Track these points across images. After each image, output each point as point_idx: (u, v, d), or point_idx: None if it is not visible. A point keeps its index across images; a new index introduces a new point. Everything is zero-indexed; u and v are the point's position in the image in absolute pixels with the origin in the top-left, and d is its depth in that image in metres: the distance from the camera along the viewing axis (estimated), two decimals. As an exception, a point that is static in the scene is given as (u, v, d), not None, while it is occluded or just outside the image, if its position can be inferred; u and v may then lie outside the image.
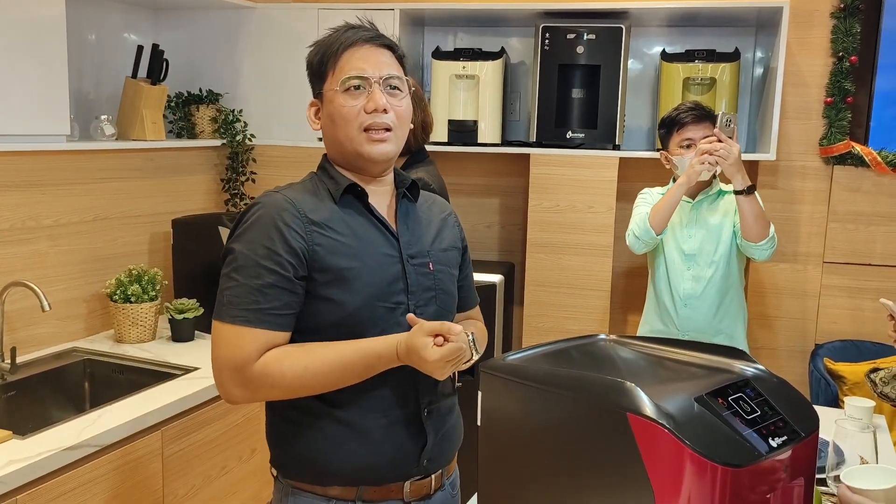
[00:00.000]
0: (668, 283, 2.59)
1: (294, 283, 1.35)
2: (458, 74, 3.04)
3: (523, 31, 3.25)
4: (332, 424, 1.40)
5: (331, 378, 1.35)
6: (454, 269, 1.56)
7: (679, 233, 2.58)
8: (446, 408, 1.50)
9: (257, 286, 1.34)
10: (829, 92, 2.92)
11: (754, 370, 1.13)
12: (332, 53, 1.43)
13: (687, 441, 0.94)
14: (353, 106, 1.41)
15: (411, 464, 1.44)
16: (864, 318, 2.98)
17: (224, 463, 2.31)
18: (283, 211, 1.38)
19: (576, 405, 1.05)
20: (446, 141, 3.07)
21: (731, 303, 2.57)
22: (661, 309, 2.63)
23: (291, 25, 3.12)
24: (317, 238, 1.37)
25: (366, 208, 1.46)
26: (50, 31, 2.30)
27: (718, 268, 2.53)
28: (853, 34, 2.86)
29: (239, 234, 1.39)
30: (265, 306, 1.33)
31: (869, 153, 2.90)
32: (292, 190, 1.44)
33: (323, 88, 1.45)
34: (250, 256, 1.35)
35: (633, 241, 2.60)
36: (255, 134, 3.18)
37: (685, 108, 2.54)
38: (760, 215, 2.40)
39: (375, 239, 1.43)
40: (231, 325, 1.34)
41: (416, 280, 1.45)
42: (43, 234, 2.46)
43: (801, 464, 1.05)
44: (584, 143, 2.95)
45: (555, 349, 1.27)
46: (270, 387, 1.34)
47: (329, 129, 1.45)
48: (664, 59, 2.98)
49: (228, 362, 1.34)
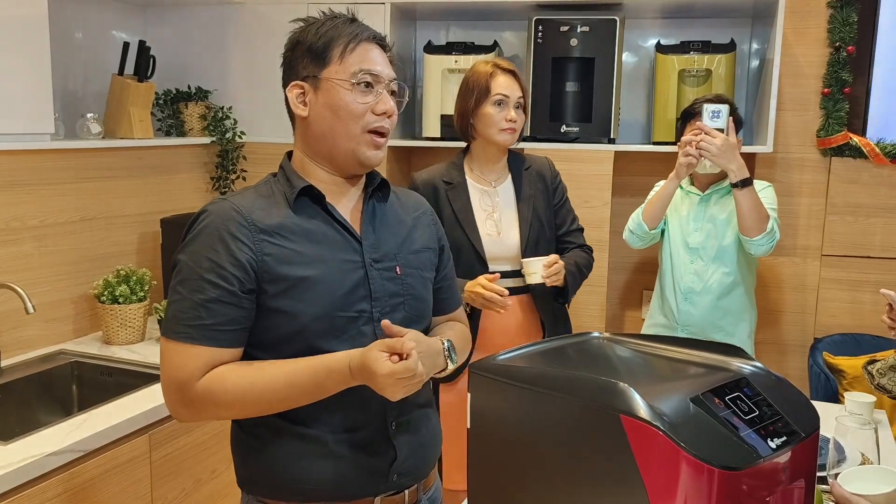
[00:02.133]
0: (671, 276, 2.55)
1: (240, 298, 1.28)
2: (450, 69, 3.00)
3: (516, 25, 3.21)
4: (296, 440, 1.34)
5: (277, 397, 1.27)
6: (427, 272, 1.48)
7: (685, 226, 2.54)
8: (419, 420, 1.43)
9: (200, 301, 1.26)
10: (827, 83, 2.88)
11: (752, 368, 1.10)
12: (342, 41, 1.35)
13: (682, 443, 0.91)
14: (362, 103, 1.34)
15: (380, 480, 1.38)
16: (863, 311, 2.95)
17: (214, 466, 2.28)
18: (229, 220, 1.30)
19: (567, 407, 1.01)
20: (439, 136, 3.03)
21: (735, 301, 2.50)
22: (663, 302, 2.60)
23: (281, 21, 3.07)
24: (266, 248, 1.30)
25: (325, 211, 1.38)
26: (33, 29, 2.25)
27: (722, 264, 2.48)
28: (850, 24, 2.82)
29: (184, 245, 1.33)
30: (208, 322, 1.26)
31: (867, 144, 2.86)
32: (243, 196, 1.36)
33: (322, 73, 1.35)
34: (194, 269, 1.28)
35: (627, 236, 2.58)
36: (245, 131, 3.14)
37: (702, 100, 2.48)
38: (754, 209, 2.35)
39: (334, 244, 1.35)
40: (174, 341, 1.27)
41: (381, 285, 1.37)
42: (28, 234, 2.41)
43: (801, 465, 1.01)
44: (578, 137, 2.92)
45: (547, 348, 1.23)
46: (214, 405, 1.27)
47: (324, 119, 1.36)
48: (659, 50, 2.94)
49: (172, 381, 1.27)
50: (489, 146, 2.25)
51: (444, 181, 2.25)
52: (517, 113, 2.21)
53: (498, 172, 2.31)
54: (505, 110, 2.19)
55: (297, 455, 1.34)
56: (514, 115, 2.19)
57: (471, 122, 2.23)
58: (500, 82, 2.20)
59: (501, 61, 2.25)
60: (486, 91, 2.19)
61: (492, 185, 2.29)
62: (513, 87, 2.21)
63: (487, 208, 2.27)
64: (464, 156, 2.31)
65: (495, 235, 2.24)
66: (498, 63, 2.24)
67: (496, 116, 2.18)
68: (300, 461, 1.34)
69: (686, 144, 2.38)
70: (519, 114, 2.22)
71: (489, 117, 2.19)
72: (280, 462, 1.35)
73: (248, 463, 1.39)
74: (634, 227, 2.53)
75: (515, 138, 2.24)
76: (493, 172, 2.30)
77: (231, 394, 1.26)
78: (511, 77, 2.22)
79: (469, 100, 2.22)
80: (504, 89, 2.20)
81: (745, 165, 2.35)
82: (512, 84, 2.21)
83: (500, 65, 2.23)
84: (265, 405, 1.28)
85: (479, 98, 2.20)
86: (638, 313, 3.24)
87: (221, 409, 1.28)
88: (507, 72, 2.22)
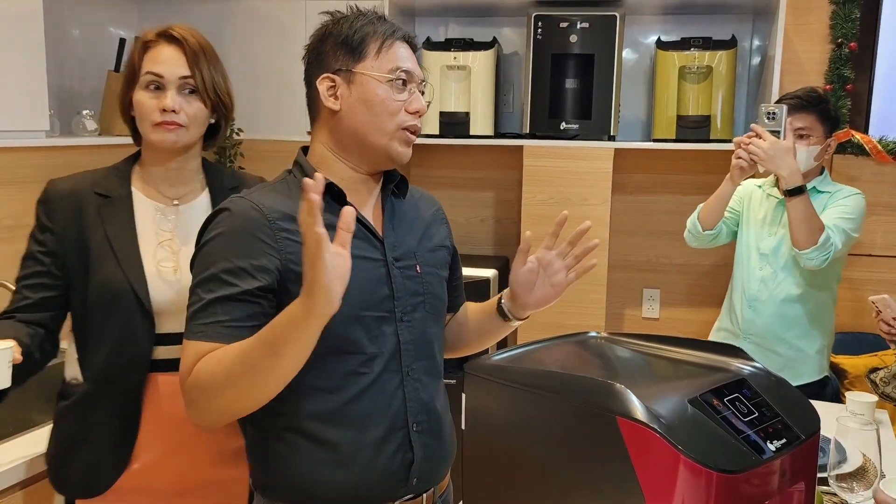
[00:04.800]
0: (741, 280, 2.46)
1: (256, 296, 1.24)
2: (449, 65, 2.98)
3: (515, 21, 3.18)
4: (314, 445, 1.31)
5: (242, 354, 1.17)
6: (443, 270, 1.47)
7: (760, 230, 2.43)
8: (438, 421, 1.41)
9: (214, 299, 1.23)
10: (829, 79, 2.86)
11: (751, 368, 1.08)
12: (380, 36, 1.33)
13: (679, 446, 0.89)
14: (399, 100, 1.33)
15: (399, 484, 1.35)
16: (865, 309, 2.91)
17: (210, 465, 2.26)
18: (249, 220, 1.27)
19: (563, 408, 1.00)
20: (437, 133, 3.01)
21: (803, 313, 2.38)
22: (730, 306, 2.51)
23: (279, 18, 3.06)
24: (289, 246, 1.26)
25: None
26: (27, 25, 2.24)
27: (792, 273, 2.35)
28: (852, 20, 2.80)
29: (202, 246, 1.29)
30: (223, 318, 1.22)
31: (869, 141, 2.84)
32: (261, 193, 1.33)
33: (356, 67, 1.32)
34: (210, 270, 1.25)
35: (686, 234, 2.52)
36: (242, 128, 3.12)
37: (790, 96, 2.32)
38: (805, 220, 2.19)
39: (356, 242, 1.28)
40: (189, 340, 1.24)
41: (403, 284, 1.35)
42: (23, 233, 2.37)
43: (801, 467, 1.00)
44: (578, 135, 2.90)
45: (543, 347, 1.22)
46: (205, 393, 1.20)
47: (357, 114, 1.32)
48: (659, 47, 2.92)
49: (180, 380, 1.24)
50: (152, 148, 1.60)
51: (96, 192, 1.58)
52: (186, 100, 1.55)
53: (186, 185, 1.64)
54: (160, 97, 1.54)
55: (316, 460, 1.31)
56: (170, 103, 1.52)
57: (130, 113, 1.60)
58: (151, 56, 1.56)
59: (175, 27, 1.59)
60: (135, 70, 1.57)
61: (172, 202, 1.62)
62: (173, 62, 1.55)
63: (163, 234, 1.60)
64: (133, 161, 1.65)
65: (170, 273, 1.57)
66: (162, 30, 1.59)
67: (147, 105, 1.54)
68: (320, 466, 1.31)
69: (738, 146, 2.26)
70: (191, 101, 1.55)
71: (140, 105, 1.55)
72: (299, 467, 1.32)
73: (264, 467, 1.36)
74: (691, 227, 2.47)
75: (184, 138, 1.56)
76: (177, 186, 1.63)
77: (208, 370, 1.19)
78: (175, 47, 1.57)
79: (122, 84, 1.61)
80: (156, 65, 1.54)
81: (798, 171, 2.21)
82: (173, 57, 1.55)
83: (164, 31, 1.59)
84: (237, 373, 1.18)
85: (129, 78, 1.58)
86: (638, 312, 3.22)
87: (215, 399, 1.20)
88: (170, 40, 1.57)
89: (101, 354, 1.55)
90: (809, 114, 2.32)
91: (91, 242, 1.54)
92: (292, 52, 3.09)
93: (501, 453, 1.09)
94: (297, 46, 3.05)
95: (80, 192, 1.58)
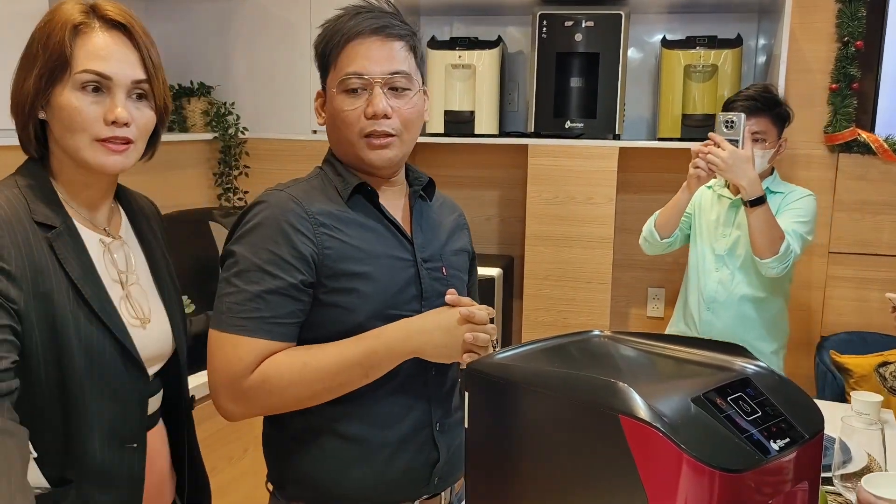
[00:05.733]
0: (696, 282, 2.45)
1: (300, 291, 1.25)
2: (454, 64, 2.98)
3: (520, 20, 3.18)
4: (338, 441, 1.31)
5: (330, 372, 1.24)
6: (464, 274, 1.49)
7: (714, 231, 2.42)
8: (456, 421, 1.42)
9: (258, 292, 1.23)
10: (835, 78, 2.85)
11: (755, 368, 1.07)
12: (334, 45, 1.31)
13: (682, 445, 0.89)
14: (352, 109, 1.30)
15: (422, 483, 1.36)
16: (871, 309, 2.91)
17: (214, 464, 2.26)
18: (290, 212, 1.27)
19: (565, 406, 0.99)
20: (442, 132, 3.01)
21: (761, 315, 2.38)
22: (685, 309, 2.51)
23: (284, 15, 3.07)
24: (326, 241, 1.28)
25: (376, 209, 1.36)
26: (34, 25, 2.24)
27: (749, 274, 2.35)
28: (859, 18, 2.79)
29: (240, 236, 1.28)
30: (266, 314, 1.23)
31: (875, 140, 2.83)
32: (298, 187, 1.33)
33: (327, 82, 1.35)
34: (252, 260, 1.24)
35: (641, 242, 2.51)
36: (248, 127, 3.13)
37: (744, 96, 2.30)
38: (766, 230, 2.18)
39: (387, 242, 1.34)
40: (229, 334, 1.23)
41: (430, 285, 1.36)
42: None
43: (805, 467, 0.99)
44: (583, 133, 2.89)
45: (546, 346, 1.21)
46: (268, 394, 1.23)
47: (331, 128, 1.36)
48: (664, 46, 2.91)
49: (224, 375, 1.23)
50: (83, 169, 1.22)
51: (36, 221, 1.17)
52: (136, 106, 1.21)
53: (107, 212, 1.31)
54: (103, 102, 1.18)
55: (341, 457, 1.31)
56: (122, 114, 1.17)
57: (39, 114, 1.20)
58: (90, 47, 1.17)
59: (105, 4, 1.21)
60: (62, 60, 1.16)
61: (109, 235, 1.30)
62: (122, 60, 1.19)
63: (121, 275, 1.29)
64: (38, 178, 1.23)
65: (138, 324, 1.28)
66: (91, 5, 1.20)
67: (86, 113, 1.17)
68: (344, 463, 1.31)
69: (696, 156, 2.23)
70: (142, 109, 1.22)
71: (74, 112, 1.16)
72: (322, 466, 1.32)
73: (286, 465, 1.36)
74: (647, 235, 2.46)
75: (132, 159, 1.23)
76: (101, 212, 1.29)
77: (286, 378, 1.23)
78: (120, 36, 1.20)
79: (29, 74, 1.18)
80: (99, 62, 1.16)
81: (757, 181, 2.19)
82: (121, 52, 1.19)
83: (98, 11, 1.20)
84: (321, 387, 1.25)
85: (49, 68, 1.17)
86: (643, 311, 3.22)
87: (275, 398, 1.24)
88: (111, 25, 1.20)
89: (91, 442, 1.19)
90: (765, 117, 2.31)
91: (52, 290, 1.14)
92: (297, 50, 3.10)
93: (503, 452, 1.09)
94: (302, 45, 3.09)
95: (20, 219, 1.15)
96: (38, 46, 1.19)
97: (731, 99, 2.39)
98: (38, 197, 1.19)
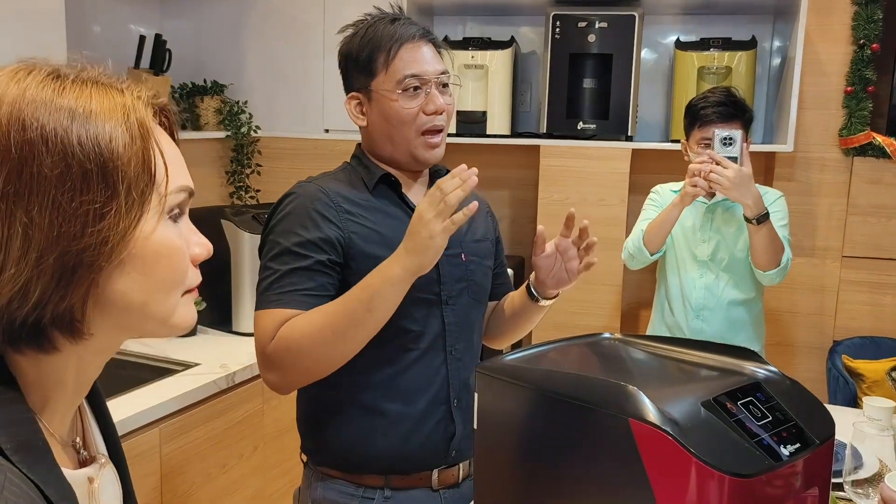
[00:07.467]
0: (680, 291, 2.41)
1: (328, 267, 1.36)
2: (466, 64, 2.97)
3: (533, 20, 3.17)
4: (363, 413, 1.43)
5: (337, 314, 1.30)
6: (487, 261, 1.58)
7: (693, 237, 2.39)
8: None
9: (291, 269, 1.34)
10: (850, 81, 2.83)
11: (766, 372, 1.07)
12: (385, 49, 1.41)
13: (692, 449, 0.88)
14: (411, 108, 1.41)
15: (440, 454, 1.47)
16: (884, 314, 2.89)
17: (224, 461, 2.27)
18: (317, 200, 1.39)
19: (575, 409, 0.99)
20: (455, 132, 3.01)
21: (750, 316, 2.37)
22: (670, 319, 2.47)
23: (297, 15, 3.07)
24: (351, 226, 1.39)
25: (400, 198, 1.47)
26: (49, 22, 2.26)
27: (735, 276, 2.34)
28: (875, 21, 2.76)
29: (273, 226, 1.41)
30: (300, 287, 1.34)
31: (890, 144, 2.81)
32: (325, 179, 1.46)
33: (372, 85, 1.42)
34: (284, 245, 1.37)
35: (626, 257, 2.46)
36: (261, 126, 3.14)
37: (713, 102, 2.26)
38: (770, 246, 2.17)
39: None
40: (264, 310, 1.35)
41: (449, 271, 1.46)
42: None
43: (815, 472, 0.99)
44: (595, 135, 2.88)
45: (556, 348, 1.21)
46: (294, 356, 1.31)
47: (381, 127, 1.44)
48: (678, 47, 2.90)
49: (257, 347, 1.35)
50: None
51: None
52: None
53: None
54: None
55: (367, 428, 1.43)
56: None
57: None
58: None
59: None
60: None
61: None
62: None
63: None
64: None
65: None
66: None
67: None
68: (369, 433, 1.43)
69: (695, 174, 2.18)
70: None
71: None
72: (349, 436, 1.44)
73: (318, 436, 1.48)
74: (635, 251, 2.38)
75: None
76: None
77: (302, 334, 1.30)
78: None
79: None
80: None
81: (760, 197, 2.18)
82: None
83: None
84: (330, 333, 1.30)
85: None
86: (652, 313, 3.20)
87: (303, 359, 1.32)
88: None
89: None
90: (736, 122, 2.28)
91: None
92: (311, 49, 3.11)
93: (512, 453, 1.09)
94: (315, 44, 3.10)
95: None
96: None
97: (697, 105, 2.33)
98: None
